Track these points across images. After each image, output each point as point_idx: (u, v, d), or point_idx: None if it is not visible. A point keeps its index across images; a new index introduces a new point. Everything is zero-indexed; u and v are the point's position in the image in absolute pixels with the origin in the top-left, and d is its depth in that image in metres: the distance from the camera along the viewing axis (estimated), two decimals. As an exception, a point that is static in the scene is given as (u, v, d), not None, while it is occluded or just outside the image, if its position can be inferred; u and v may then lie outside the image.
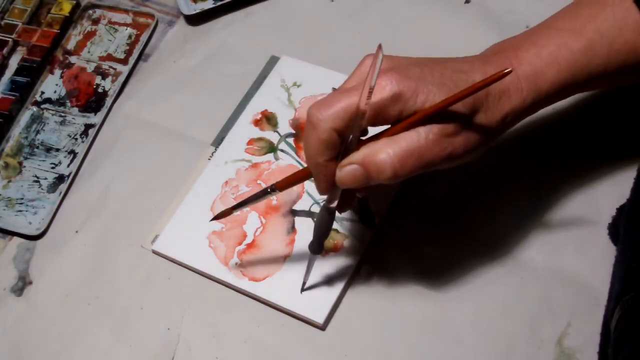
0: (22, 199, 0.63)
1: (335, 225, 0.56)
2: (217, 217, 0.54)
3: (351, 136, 0.45)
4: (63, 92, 0.68)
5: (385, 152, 0.44)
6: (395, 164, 0.44)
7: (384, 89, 0.44)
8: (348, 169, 0.45)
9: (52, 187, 0.63)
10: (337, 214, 0.50)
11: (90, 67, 0.69)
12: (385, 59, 0.45)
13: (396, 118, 0.45)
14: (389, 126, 0.46)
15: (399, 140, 0.44)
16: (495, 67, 0.45)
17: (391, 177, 0.44)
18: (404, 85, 0.44)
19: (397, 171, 0.44)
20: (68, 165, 0.64)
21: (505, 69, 0.42)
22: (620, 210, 0.53)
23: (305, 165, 0.59)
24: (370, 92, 0.42)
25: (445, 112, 0.44)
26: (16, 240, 0.61)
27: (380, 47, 0.41)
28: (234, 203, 0.58)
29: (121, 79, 0.68)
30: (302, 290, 0.54)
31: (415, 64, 0.46)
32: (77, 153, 0.64)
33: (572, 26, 0.49)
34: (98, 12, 0.73)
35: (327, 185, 0.47)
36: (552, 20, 0.51)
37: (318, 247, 0.51)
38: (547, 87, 0.48)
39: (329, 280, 0.54)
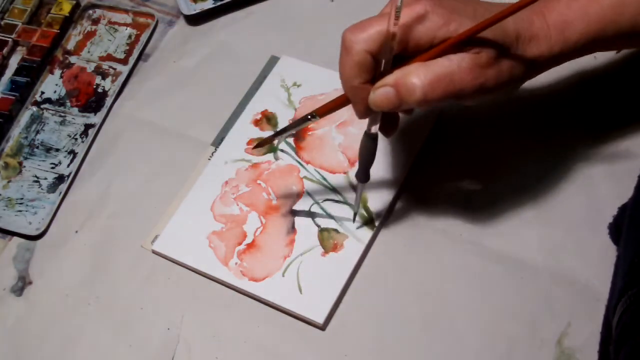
0: (22, 199, 0.63)
1: (335, 225, 0.56)
2: (258, 146, 0.54)
3: (384, 60, 0.46)
4: (63, 92, 0.68)
5: (417, 75, 0.45)
6: (426, 86, 0.45)
7: (413, 11, 0.45)
8: (380, 91, 0.46)
9: (52, 187, 0.63)
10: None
11: (90, 67, 0.69)
12: None
13: (428, 45, 0.46)
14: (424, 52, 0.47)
15: (431, 64, 0.45)
16: (526, 12, 0.46)
17: (421, 100, 0.45)
18: (437, 12, 0.45)
19: (427, 94, 0.45)
20: (68, 165, 0.64)
21: None
22: (622, 209, 0.53)
23: (304, 164, 0.60)
24: (398, 13, 0.43)
25: (478, 44, 0.45)
26: (16, 240, 0.61)
27: None
28: (234, 203, 0.58)
29: (121, 79, 0.68)
30: (353, 220, 0.55)
31: None
32: (77, 153, 0.64)
33: None
34: (98, 12, 0.73)
35: (364, 109, 0.48)
36: None
37: (364, 175, 0.52)
38: (575, 38, 0.49)
39: (329, 280, 0.54)
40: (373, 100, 0.47)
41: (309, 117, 0.50)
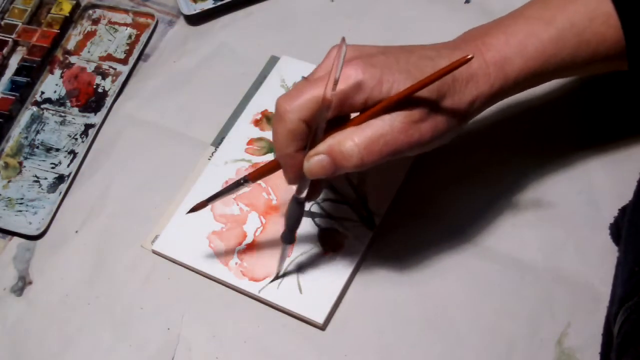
0: (22, 199, 0.62)
1: (335, 225, 0.56)
2: (192, 210, 0.54)
3: (318, 127, 0.45)
4: (63, 92, 0.68)
5: (351, 140, 0.45)
6: (362, 151, 0.44)
7: (349, 78, 0.44)
8: (315, 159, 0.46)
9: (52, 187, 0.63)
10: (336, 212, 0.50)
11: (90, 67, 0.69)
12: (352, 48, 0.46)
13: (362, 107, 0.45)
14: (357, 114, 0.46)
15: (365, 128, 0.45)
16: (462, 53, 0.45)
17: (358, 165, 0.45)
18: (369, 74, 0.44)
19: (363, 158, 0.45)
20: (68, 165, 0.64)
21: (468, 55, 0.43)
22: (623, 210, 0.53)
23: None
24: (335, 83, 0.43)
25: (411, 99, 0.44)
26: (16, 240, 0.61)
27: (343, 39, 0.42)
28: (234, 203, 0.58)
29: (121, 79, 0.68)
30: (274, 279, 0.54)
31: (381, 52, 0.46)
32: (77, 153, 0.64)
33: (542, 15, 0.50)
34: (98, 12, 0.73)
35: (295, 176, 0.48)
36: (523, 9, 0.51)
37: (289, 237, 0.52)
38: (515, 74, 0.48)
39: (329, 280, 0.54)
40: (308, 169, 0.46)
41: (242, 181, 0.51)
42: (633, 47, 0.49)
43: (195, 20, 0.71)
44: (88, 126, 0.66)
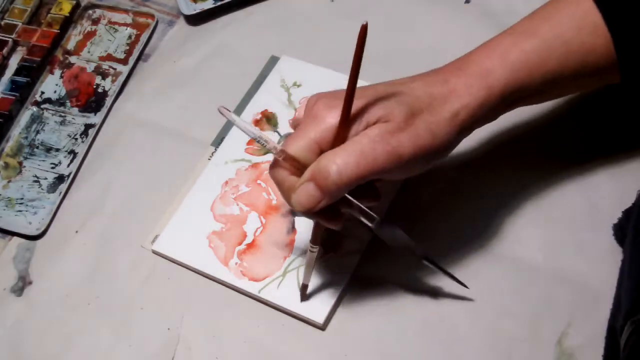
0: (22, 199, 0.62)
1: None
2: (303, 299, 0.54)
3: None
4: (63, 92, 0.68)
5: (327, 158, 0.44)
6: (340, 165, 0.44)
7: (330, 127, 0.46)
8: (301, 189, 0.45)
9: (52, 187, 0.63)
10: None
11: (90, 67, 0.69)
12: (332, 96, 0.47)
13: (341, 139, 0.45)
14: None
15: (342, 145, 0.45)
16: (444, 77, 0.47)
17: (337, 180, 0.44)
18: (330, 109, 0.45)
19: (341, 172, 0.44)
20: (68, 165, 0.64)
21: (365, 23, 0.43)
22: (627, 213, 0.52)
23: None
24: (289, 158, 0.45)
25: (384, 115, 0.45)
26: (16, 240, 0.61)
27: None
28: (234, 203, 0.58)
29: (121, 79, 0.68)
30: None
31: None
32: (77, 153, 0.64)
33: (525, 28, 0.49)
34: (98, 12, 0.73)
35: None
36: (509, 28, 0.51)
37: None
38: (501, 84, 0.48)
39: (329, 281, 0.54)
40: (297, 202, 0.45)
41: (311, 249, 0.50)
42: (624, 59, 0.48)
43: (195, 20, 0.71)
44: (88, 126, 0.66)
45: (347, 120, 0.45)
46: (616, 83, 0.50)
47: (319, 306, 0.53)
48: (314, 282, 0.54)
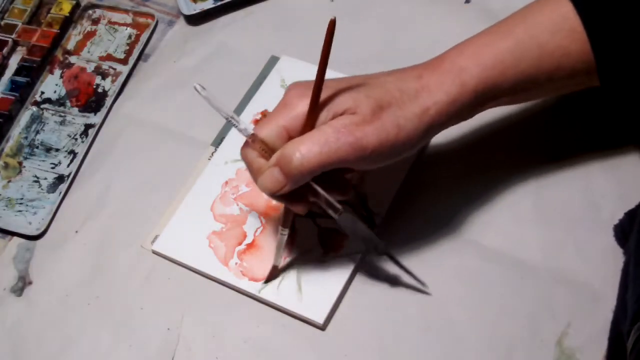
0: (22, 199, 0.63)
1: (335, 225, 0.56)
2: (268, 280, 0.55)
3: None
4: (63, 92, 0.68)
5: (291, 144, 0.46)
6: (302, 150, 0.45)
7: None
8: (266, 173, 0.47)
9: (52, 187, 0.63)
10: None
11: (90, 67, 0.69)
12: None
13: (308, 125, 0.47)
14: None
15: (308, 133, 0.46)
16: (417, 73, 0.47)
17: (299, 165, 0.45)
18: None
19: (304, 157, 0.45)
20: (68, 165, 0.64)
21: (333, 17, 0.45)
22: (629, 215, 0.52)
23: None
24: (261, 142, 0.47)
25: (352, 107, 0.46)
26: (16, 240, 0.61)
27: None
28: (234, 203, 0.58)
29: (121, 79, 0.68)
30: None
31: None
32: (77, 153, 0.64)
33: (501, 29, 0.50)
34: (98, 12, 0.73)
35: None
36: (486, 28, 0.51)
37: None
38: (474, 81, 0.48)
39: (329, 281, 0.54)
40: (262, 184, 0.47)
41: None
42: (603, 64, 0.48)
43: (195, 20, 0.71)
44: (88, 126, 0.66)
45: (315, 109, 0.46)
46: (595, 87, 0.50)
47: (319, 306, 0.53)
48: (314, 282, 0.54)
